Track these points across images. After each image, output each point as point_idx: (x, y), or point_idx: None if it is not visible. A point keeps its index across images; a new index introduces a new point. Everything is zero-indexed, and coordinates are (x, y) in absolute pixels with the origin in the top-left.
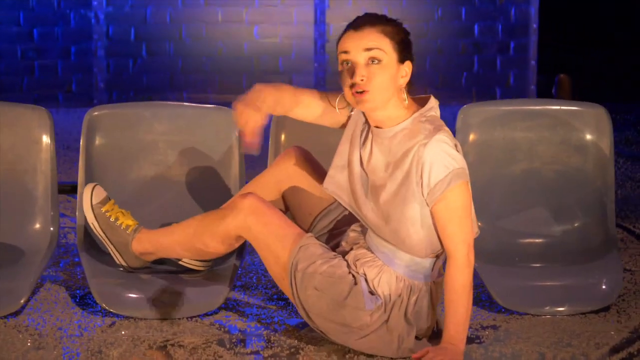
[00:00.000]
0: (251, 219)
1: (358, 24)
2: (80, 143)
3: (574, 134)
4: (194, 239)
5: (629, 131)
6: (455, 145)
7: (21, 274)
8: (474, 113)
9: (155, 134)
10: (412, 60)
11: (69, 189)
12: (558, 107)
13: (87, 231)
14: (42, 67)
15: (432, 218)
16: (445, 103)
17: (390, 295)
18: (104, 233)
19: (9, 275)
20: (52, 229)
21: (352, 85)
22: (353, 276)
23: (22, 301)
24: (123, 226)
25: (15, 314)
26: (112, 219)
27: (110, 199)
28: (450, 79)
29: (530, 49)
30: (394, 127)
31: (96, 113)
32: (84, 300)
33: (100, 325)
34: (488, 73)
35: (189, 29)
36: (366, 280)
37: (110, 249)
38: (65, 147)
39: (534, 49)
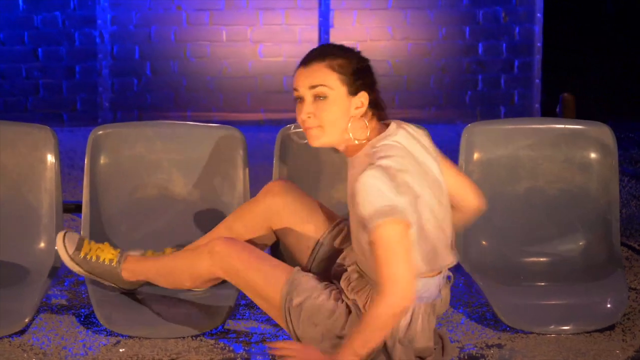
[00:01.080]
0: (235, 262)
1: (306, 59)
2: (85, 162)
3: (579, 153)
4: (173, 276)
5: (633, 150)
6: (395, 177)
7: (26, 293)
8: (478, 132)
9: (160, 152)
10: (369, 89)
11: (73, 208)
12: (562, 126)
13: None
14: (46, 86)
15: None
16: (450, 122)
17: None
18: (92, 274)
19: (14, 294)
20: (57, 248)
21: (302, 122)
22: (347, 305)
23: (26, 320)
24: (107, 262)
25: (20, 333)
26: (93, 260)
27: (84, 240)
28: (454, 98)
29: (534, 67)
30: (354, 157)
31: (100, 132)
32: (88, 319)
33: (104, 344)
34: (492, 92)
35: (193, 48)
36: (357, 307)
37: (105, 282)
38: (69, 166)
39: (538, 67)
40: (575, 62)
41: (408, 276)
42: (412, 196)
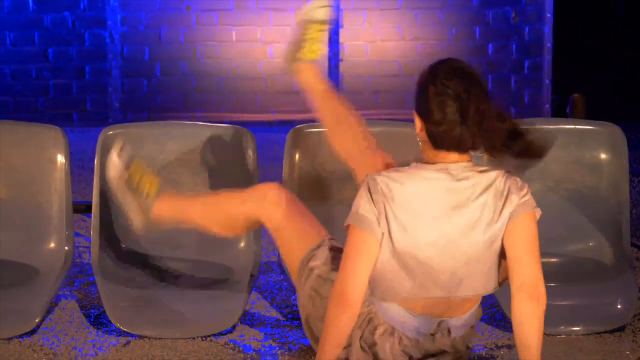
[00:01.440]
0: (281, 211)
1: None
2: (95, 162)
3: (588, 153)
4: (207, 213)
5: None
6: (376, 191)
7: (36, 294)
8: None
9: (169, 153)
10: (423, 116)
11: (83, 209)
12: (572, 126)
13: (102, 251)
14: (57, 87)
15: None
16: None
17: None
18: (124, 196)
19: (24, 295)
20: (66, 248)
21: None
22: None
23: (36, 320)
24: (145, 190)
25: (30, 333)
26: (134, 183)
27: (133, 159)
28: None
29: (544, 68)
30: None
31: (111, 132)
32: (98, 320)
33: (114, 345)
34: (502, 92)
35: (203, 49)
36: None
37: (128, 209)
38: (79, 167)
39: (548, 68)
40: (585, 63)
41: (350, 278)
42: (384, 217)
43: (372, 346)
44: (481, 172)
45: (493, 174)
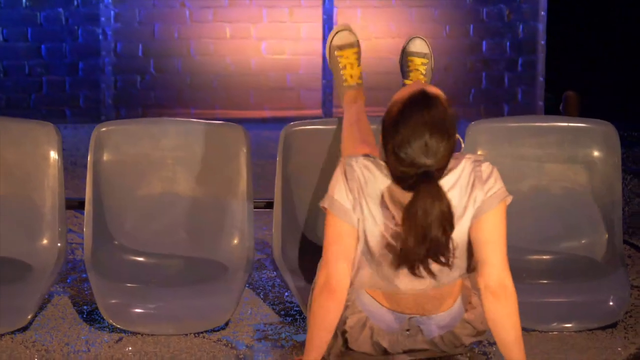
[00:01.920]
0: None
1: None
2: (88, 159)
3: (582, 151)
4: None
5: (636, 148)
6: (349, 181)
7: (29, 290)
8: (482, 130)
9: (163, 150)
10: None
11: (76, 205)
12: (566, 124)
13: (94, 247)
14: (50, 83)
15: None
16: None
17: None
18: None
19: (17, 291)
20: (59, 244)
21: None
22: None
23: (29, 317)
24: (345, 76)
25: (23, 329)
26: (340, 65)
27: (354, 46)
28: (458, 96)
29: (538, 65)
30: None
31: (104, 129)
32: (91, 316)
33: (107, 341)
34: (496, 90)
35: (196, 46)
36: None
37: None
38: (72, 163)
39: (542, 65)
40: (578, 60)
41: (333, 265)
42: (358, 206)
43: (344, 333)
44: (450, 170)
45: (459, 169)
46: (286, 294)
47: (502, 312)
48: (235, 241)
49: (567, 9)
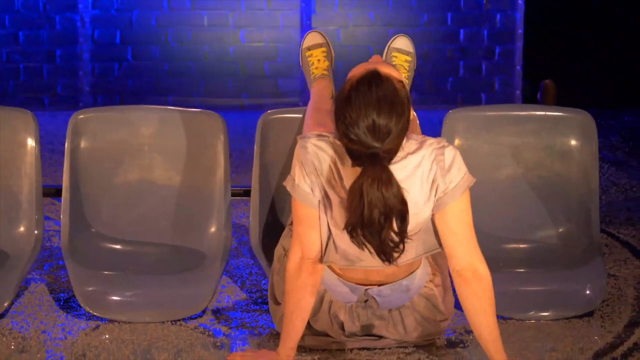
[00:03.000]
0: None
1: None
2: (65, 146)
3: (559, 140)
4: None
5: (613, 137)
6: (305, 166)
7: (5, 277)
8: (459, 118)
9: (141, 137)
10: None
11: (53, 192)
12: (543, 113)
13: (71, 235)
14: (27, 70)
15: None
16: (431, 108)
17: None
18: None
19: None
20: (36, 232)
21: None
22: None
23: (5, 304)
24: (312, 70)
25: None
26: (309, 62)
27: (323, 46)
28: (436, 84)
29: (515, 54)
30: None
31: (81, 116)
32: (68, 304)
33: (84, 329)
34: (473, 78)
35: (174, 33)
36: None
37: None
38: (50, 151)
39: (520, 54)
40: (556, 50)
41: (304, 239)
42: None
43: None
44: (409, 153)
45: (419, 156)
46: (263, 281)
47: (474, 297)
48: (213, 229)
49: None
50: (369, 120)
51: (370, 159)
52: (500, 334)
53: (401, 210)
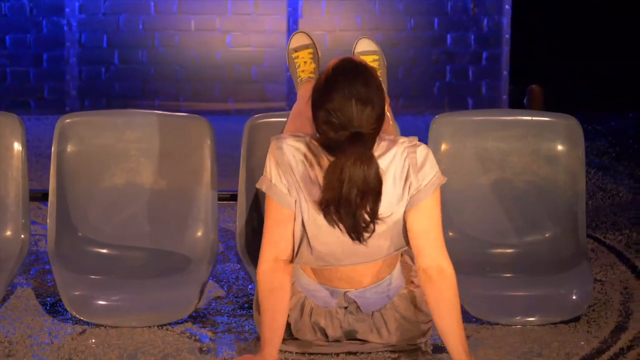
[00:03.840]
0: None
1: None
2: (52, 150)
3: (546, 145)
4: None
5: (600, 142)
6: (280, 166)
7: None
8: (446, 123)
9: (127, 141)
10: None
11: (40, 197)
12: (530, 118)
13: (58, 239)
14: (14, 74)
15: None
16: (418, 113)
17: None
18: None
19: None
20: (23, 236)
21: None
22: None
23: None
24: (298, 73)
25: None
26: (296, 65)
27: (309, 47)
28: (422, 89)
29: (502, 59)
30: None
31: (68, 120)
32: (54, 308)
33: (70, 333)
34: (460, 83)
35: (161, 38)
36: None
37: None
38: (36, 154)
39: (506, 59)
40: (543, 54)
41: (277, 241)
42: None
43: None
44: (381, 154)
45: (391, 154)
46: (250, 286)
47: (438, 294)
48: (199, 233)
49: (531, 3)
50: (352, 99)
51: (353, 139)
52: (464, 334)
53: (378, 190)
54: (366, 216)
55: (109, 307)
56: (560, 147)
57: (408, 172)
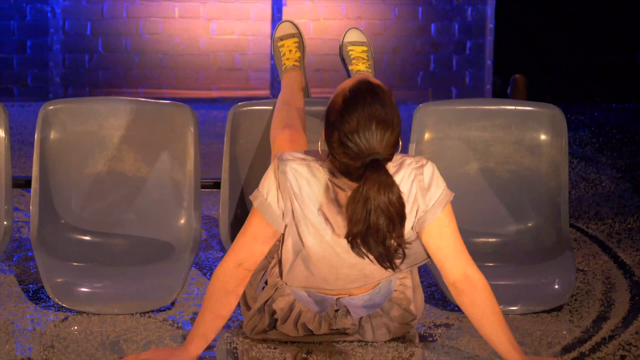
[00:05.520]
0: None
1: None
2: (35, 137)
3: (529, 134)
4: None
5: (583, 132)
6: (281, 190)
7: None
8: (429, 112)
9: (111, 129)
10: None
11: (23, 183)
12: (513, 107)
13: (41, 226)
14: None
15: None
16: (401, 102)
17: None
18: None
19: None
20: (5, 223)
21: None
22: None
23: None
24: (283, 61)
25: None
26: (281, 53)
27: (295, 36)
28: (406, 78)
29: (486, 49)
30: None
31: (51, 107)
32: (36, 295)
33: (52, 320)
34: (444, 72)
35: (145, 25)
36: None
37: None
38: (19, 142)
39: (490, 49)
40: (526, 44)
41: (246, 254)
42: (290, 214)
43: (273, 313)
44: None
45: (399, 176)
46: None
47: (473, 304)
48: (182, 221)
49: None
50: (370, 127)
51: (373, 166)
52: (512, 336)
53: (403, 214)
54: (394, 242)
55: (92, 294)
56: (543, 137)
57: (416, 195)
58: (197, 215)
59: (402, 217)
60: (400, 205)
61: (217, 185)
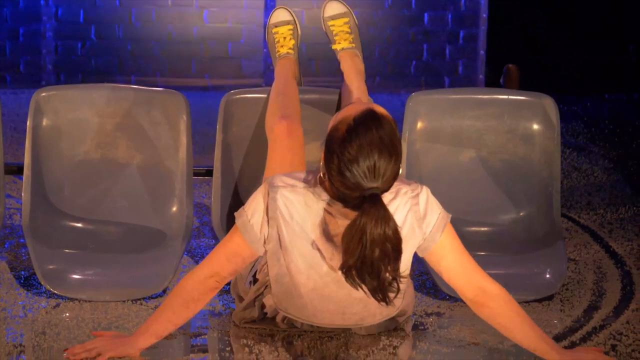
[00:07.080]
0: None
1: None
2: (27, 124)
3: (522, 124)
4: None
5: (575, 122)
6: (269, 215)
7: None
8: (422, 101)
9: (103, 116)
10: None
11: (15, 170)
12: (506, 97)
13: (33, 213)
14: None
15: None
16: (394, 91)
17: None
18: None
19: None
20: None
21: None
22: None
23: None
24: (277, 48)
25: None
26: (275, 40)
27: (290, 24)
28: (399, 68)
29: (479, 38)
30: None
31: (44, 94)
32: (28, 282)
33: (44, 307)
34: (437, 62)
35: (138, 13)
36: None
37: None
38: (12, 129)
39: (483, 38)
40: (520, 34)
41: (219, 264)
42: (275, 240)
43: (262, 308)
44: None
45: (394, 205)
46: None
47: (497, 316)
48: (174, 209)
49: None
50: (371, 159)
51: (370, 199)
52: (544, 334)
53: (399, 248)
54: (388, 275)
55: (83, 281)
56: (536, 127)
57: (412, 226)
58: (189, 203)
59: (398, 252)
60: (397, 239)
61: (209, 173)
